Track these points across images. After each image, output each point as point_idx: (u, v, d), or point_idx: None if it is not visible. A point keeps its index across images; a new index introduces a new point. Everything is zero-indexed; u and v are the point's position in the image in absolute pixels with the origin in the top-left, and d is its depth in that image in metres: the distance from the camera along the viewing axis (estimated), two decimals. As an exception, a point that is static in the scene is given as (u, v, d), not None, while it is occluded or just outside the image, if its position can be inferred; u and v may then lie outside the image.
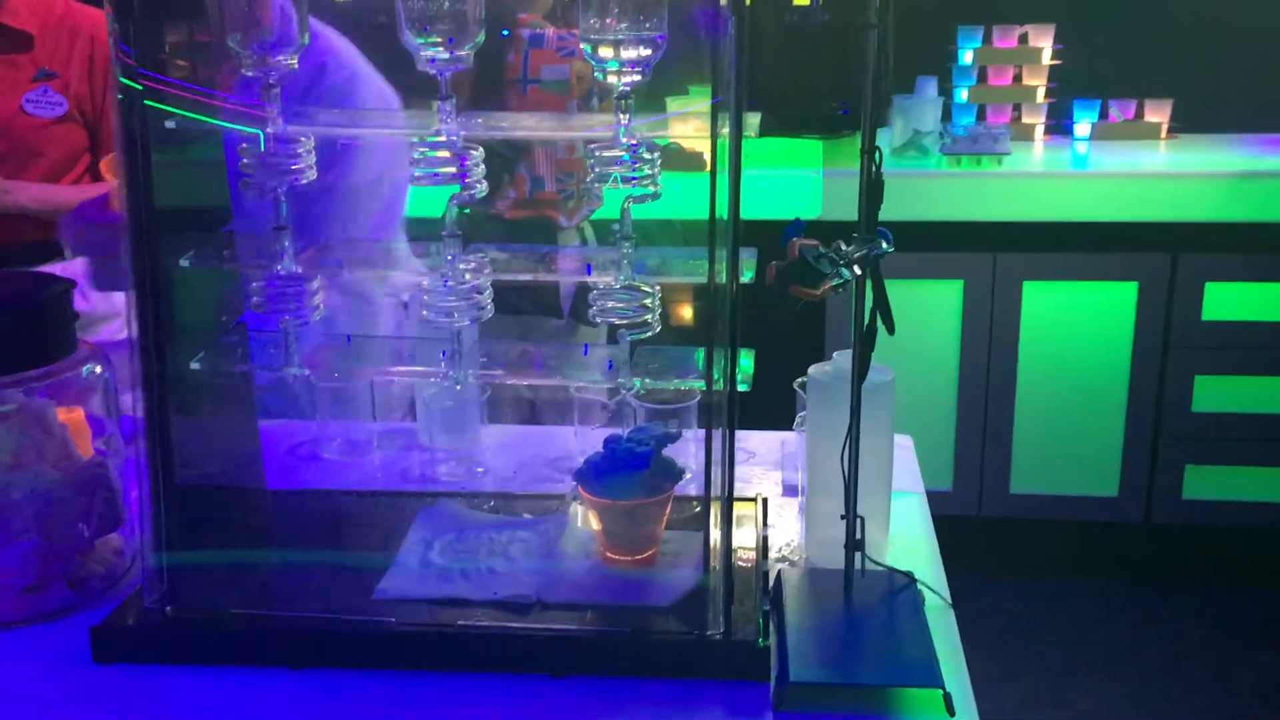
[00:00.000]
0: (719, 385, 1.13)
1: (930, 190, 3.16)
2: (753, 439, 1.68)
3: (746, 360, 1.18)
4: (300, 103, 1.74)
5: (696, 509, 1.42)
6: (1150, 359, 3.18)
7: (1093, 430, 3.24)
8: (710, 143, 1.09)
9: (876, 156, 1.13)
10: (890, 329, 1.14)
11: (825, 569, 1.29)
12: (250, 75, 1.19)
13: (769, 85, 3.42)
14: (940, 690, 1.06)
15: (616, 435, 1.27)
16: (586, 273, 1.25)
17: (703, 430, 1.56)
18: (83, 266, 2.05)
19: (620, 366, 1.24)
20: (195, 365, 1.26)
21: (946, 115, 3.45)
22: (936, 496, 1.58)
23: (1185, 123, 3.50)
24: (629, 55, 1.15)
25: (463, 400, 1.60)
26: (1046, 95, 3.51)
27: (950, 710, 1.06)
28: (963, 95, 3.51)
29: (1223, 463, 3.22)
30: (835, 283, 1.08)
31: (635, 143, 1.17)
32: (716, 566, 1.15)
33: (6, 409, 1.27)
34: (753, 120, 1.13)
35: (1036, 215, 3.13)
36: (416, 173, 1.20)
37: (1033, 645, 3.02)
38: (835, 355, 1.31)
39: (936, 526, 1.46)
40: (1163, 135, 3.50)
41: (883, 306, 1.13)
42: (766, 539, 1.36)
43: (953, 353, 3.23)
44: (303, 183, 1.25)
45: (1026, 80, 3.51)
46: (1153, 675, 2.90)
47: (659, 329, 1.22)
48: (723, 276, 1.11)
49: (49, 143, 2.32)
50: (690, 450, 1.49)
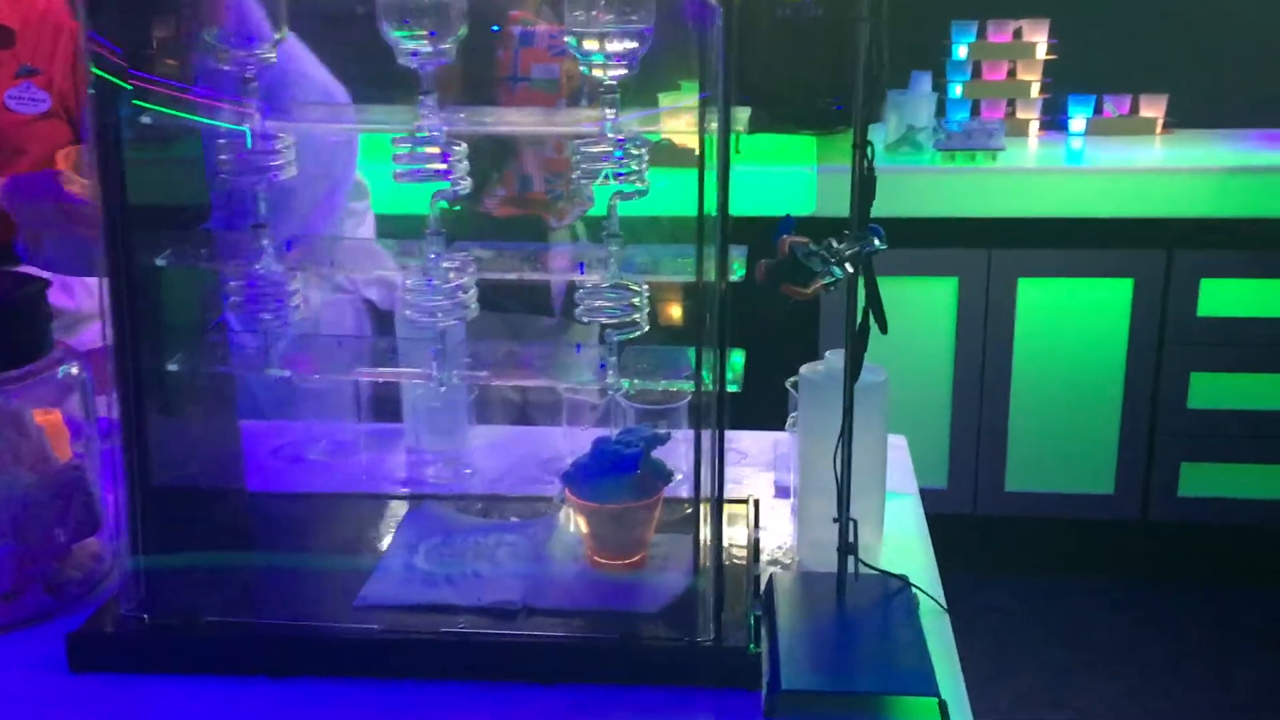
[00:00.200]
0: (709, 386, 1.11)
1: (924, 186, 3.14)
2: (744, 439, 1.65)
3: (737, 360, 1.16)
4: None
5: (687, 511, 1.39)
6: (1146, 356, 3.16)
7: (1088, 427, 3.22)
8: (698, 138, 1.06)
9: (869, 152, 1.10)
10: (883, 328, 1.12)
11: (818, 572, 1.26)
12: (226, 69, 1.16)
13: (763, 81, 3.39)
14: (936, 699, 1.03)
15: (605, 437, 1.24)
16: (576, 271, 1.23)
17: (693, 431, 1.54)
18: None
19: (609, 367, 1.21)
20: (173, 366, 1.23)
21: (941, 111, 3.43)
22: (931, 495, 1.55)
23: (1181, 118, 3.47)
24: (615, 48, 1.12)
25: (450, 401, 1.57)
26: (1041, 90, 3.48)
27: (945, 719, 1.03)
28: (957, 90, 3.48)
29: (1218, 460, 3.20)
30: (826, 281, 1.06)
31: (623, 138, 1.14)
32: (707, 571, 1.12)
33: (-20, 411, 1.24)
34: (742, 115, 1.11)
35: (1031, 211, 3.11)
36: (398, 169, 1.17)
37: (1028, 644, 3.00)
38: (828, 354, 1.28)
39: (931, 525, 1.43)
40: (1158, 130, 3.47)
41: (875, 305, 1.11)
42: (758, 541, 1.33)
43: (947, 350, 3.21)
44: (282, 179, 1.22)
45: (1021, 75, 3.49)
46: (1151, 673, 2.89)
47: (648, 328, 1.20)
48: (712, 275, 1.08)
49: (32, 139, 2.29)
50: (680, 451, 1.46)
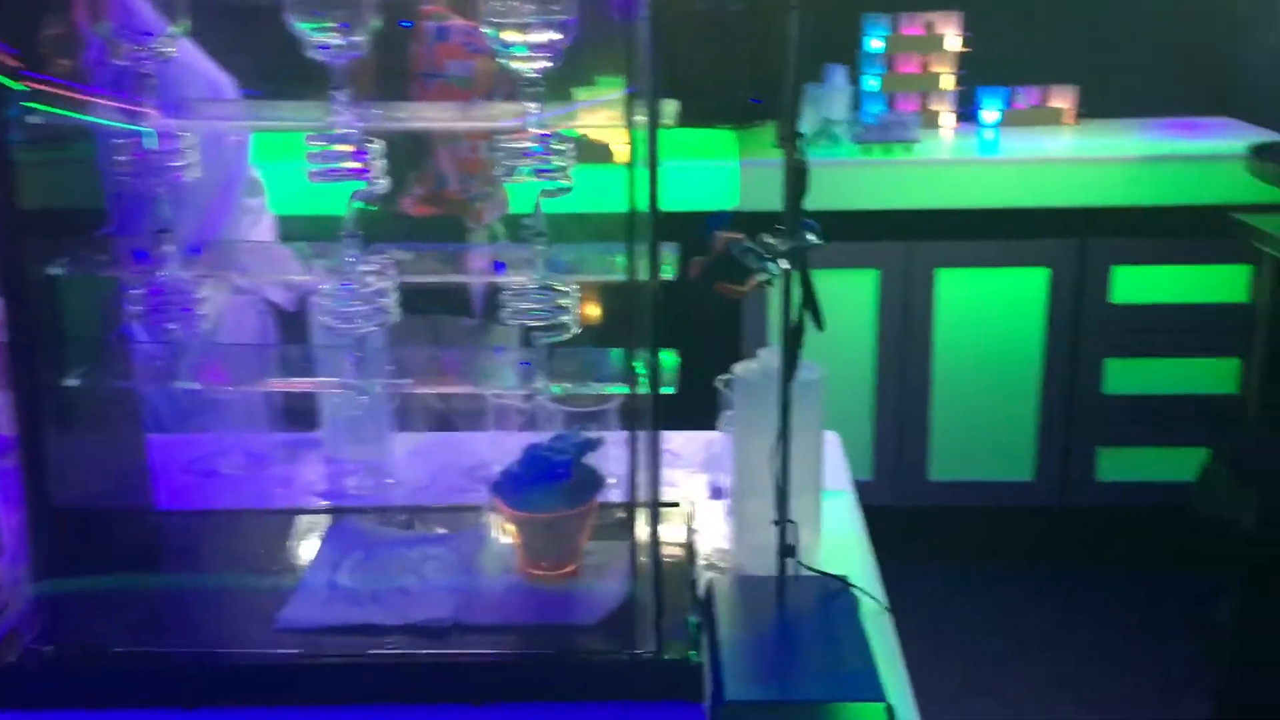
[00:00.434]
0: (642, 388, 1.07)
1: (842, 179, 3.14)
2: (676, 440, 1.62)
3: (669, 361, 1.12)
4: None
5: (619, 516, 1.36)
6: (1062, 343, 3.20)
7: (1008, 416, 3.25)
8: (627, 133, 1.03)
9: (800, 144, 1.08)
10: (819, 325, 1.09)
11: (757, 576, 1.23)
12: (121, 65, 1.09)
13: (681, 74, 3.37)
14: (883, 704, 1.01)
15: (535, 444, 1.20)
16: (497, 272, 1.18)
17: (623, 433, 1.50)
18: None
19: (537, 370, 1.17)
20: (73, 381, 1.16)
21: (855, 104, 3.43)
22: (856, 487, 1.53)
23: (1089, 108, 3.52)
24: (537, 40, 1.08)
25: (370, 409, 1.51)
26: (954, 83, 3.51)
27: (893, 723, 1.01)
28: (871, 84, 3.49)
29: (1134, 444, 3.25)
30: (763, 278, 1.02)
31: (546, 133, 1.10)
32: (646, 579, 1.08)
33: None
34: (670, 109, 1.07)
35: (948, 203, 3.12)
36: (312, 169, 1.11)
37: (956, 632, 3.01)
38: (761, 352, 1.25)
39: (856, 518, 1.42)
40: (1068, 121, 3.52)
41: (811, 301, 1.08)
42: (694, 546, 1.30)
43: (869, 342, 3.21)
44: (186, 180, 1.15)
45: (934, 68, 3.51)
46: (1079, 659, 2.92)
47: (577, 330, 1.16)
48: (644, 273, 1.04)
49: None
50: (611, 454, 1.42)
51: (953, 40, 3.47)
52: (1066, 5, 3.53)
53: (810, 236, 1.07)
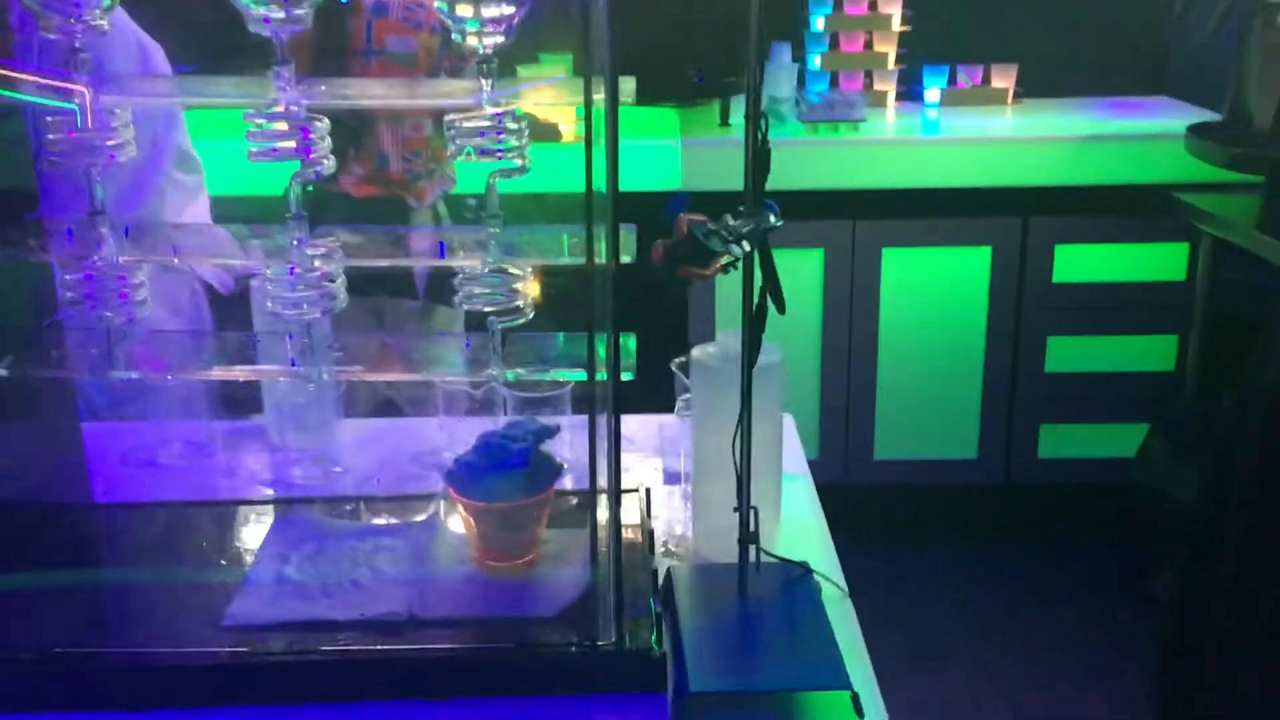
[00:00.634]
0: (601, 375, 1.04)
1: (787, 158, 3.06)
2: (629, 424, 1.59)
3: (629, 345, 1.10)
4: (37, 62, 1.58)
5: (574, 502, 1.33)
6: (1005, 322, 3.22)
7: (952, 394, 3.27)
8: (580, 112, 0.99)
9: (763, 124, 1.05)
10: (780, 308, 1.07)
11: (717, 564, 1.21)
12: (53, 39, 1.04)
13: (623, 51, 3.32)
14: (848, 692, 1.00)
15: (490, 431, 1.16)
16: (457, 256, 1.15)
17: (575, 418, 1.48)
18: None
19: (489, 354, 1.14)
20: (2, 371, 1.11)
21: (800, 82, 3.42)
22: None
23: (1030, 88, 3.54)
24: (490, 13, 1.04)
25: (316, 395, 1.47)
26: (897, 61, 3.51)
27: (859, 712, 1.00)
28: (816, 62, 3.48)
29: (1076, 421, 3.29)
30: (727, 261, 1.00)
31: (500, 112, 1.07)
32: (607, 569, 1.06)
33: None
34: (628, 86, 1.04)
35: (894, 182, 3.12)
36: (253, 148, 1.07)
37: (906, 609, 3.03)
38: (720, 335, 1.23)
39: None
40: (1009, 100, 3.54)
41: (773, 284, 1.06)
42: (652, 533, 1.27)
43: (815, 322, 3.21)
44: (121, 160, 1.10)
45: (878, 47, 3.51)
46: (1023, 634, 2.95)
47: (531, 315, 1.12)
48: (602, 256, 1.01)
49: None
50: (565, 440, 1.39)
51: (896, 19, 3.46)
52: (1008, -16, 3.54)
53: (771, 218, 1.05)
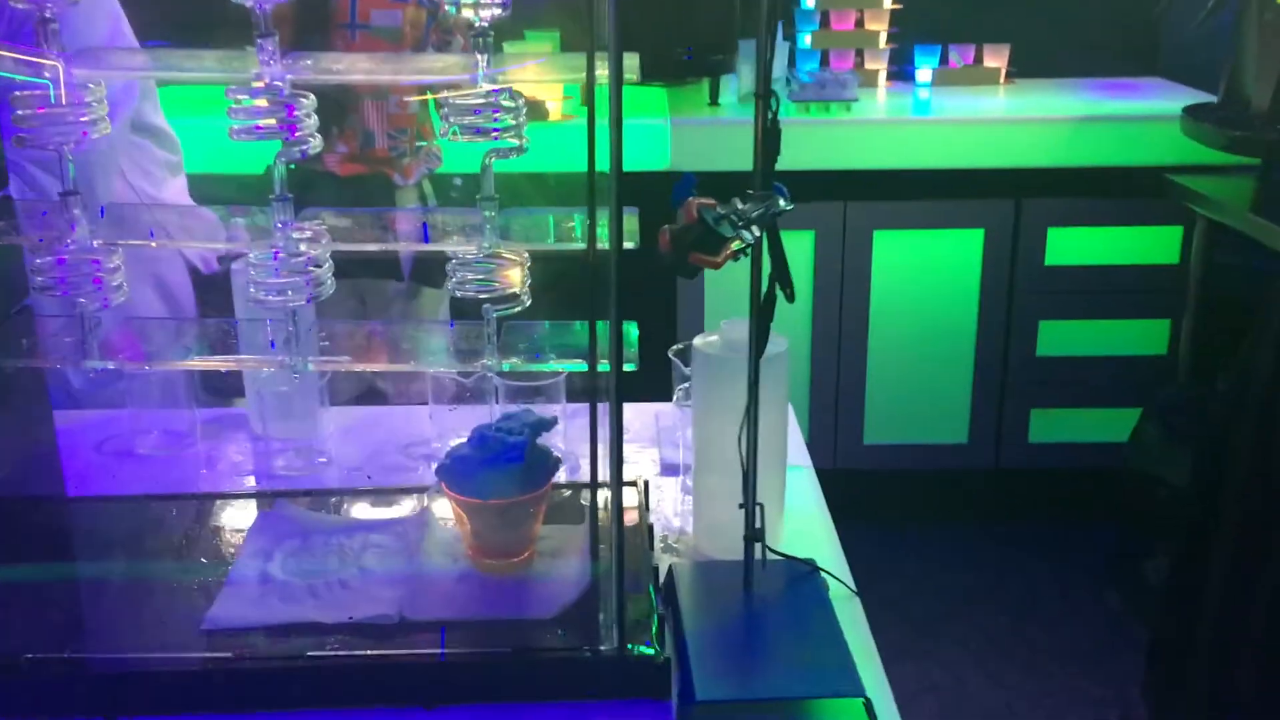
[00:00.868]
0: (603, 365, 0.99)
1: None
2: (624, 412, 1.54)
3: (630, 335, 1.05)
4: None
5: (567, 496, 1.28)
6: (996, 305, 3.18)
7: (943, 378, 3.24)
8: (588, 89, 0.94)
9: (773, 102, 1.00)
10: (790, 296, 1.02)
11: (720, 561, 1.17)
12: (20, 9, 0.98)
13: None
14: (861, 699, 0.95)
15: (484, 424, 1.11)
16: (433, 239, 1.09)
17: (567, 406, 1.43)
18: None
19: (483, 343, 1.09)
20: (-33, 361, 1.05)
21: (790, 61, 3.36)
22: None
23: (1023, 68, 3.50)
24: (487, -15, 0.98)
25: (299, 383, 1.42)
26: (888, 40, 3.45)
27: (872, 718, 0.95)
28: (806, 40, 3.42)
29: (1067, 405, 3.26)
30: (737, 247, 0.95)
31: (496, 89, 1.01)
32: (609, 569, 1.01)
33: None
34: (632, 63, 0.99)
35: (885, 163, 3.08)
36: (234, 125, 1.01)
37: (896, 595, 3.01)
38: (724, 324, 1.18)
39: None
40: (1002, 81, 3.49)
41: (783, 271, 1.01)
42: (652, 528, 1.23)
43: (805, 305, 3.17)
44: (94, 136, 1.04)
45: (869, 25, 3.45)
46: (1014, 619, 2.93)
47: (529, 302, 1.07)
48: (605, 241, 0.96)
49: None
50: (560, 431, 1.35)
51: (888, -4, 3.41)
52: (1001, -38, 3.49)
53: (781, 201, 1.00)
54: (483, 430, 1.10)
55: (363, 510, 1.24)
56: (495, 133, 1.02)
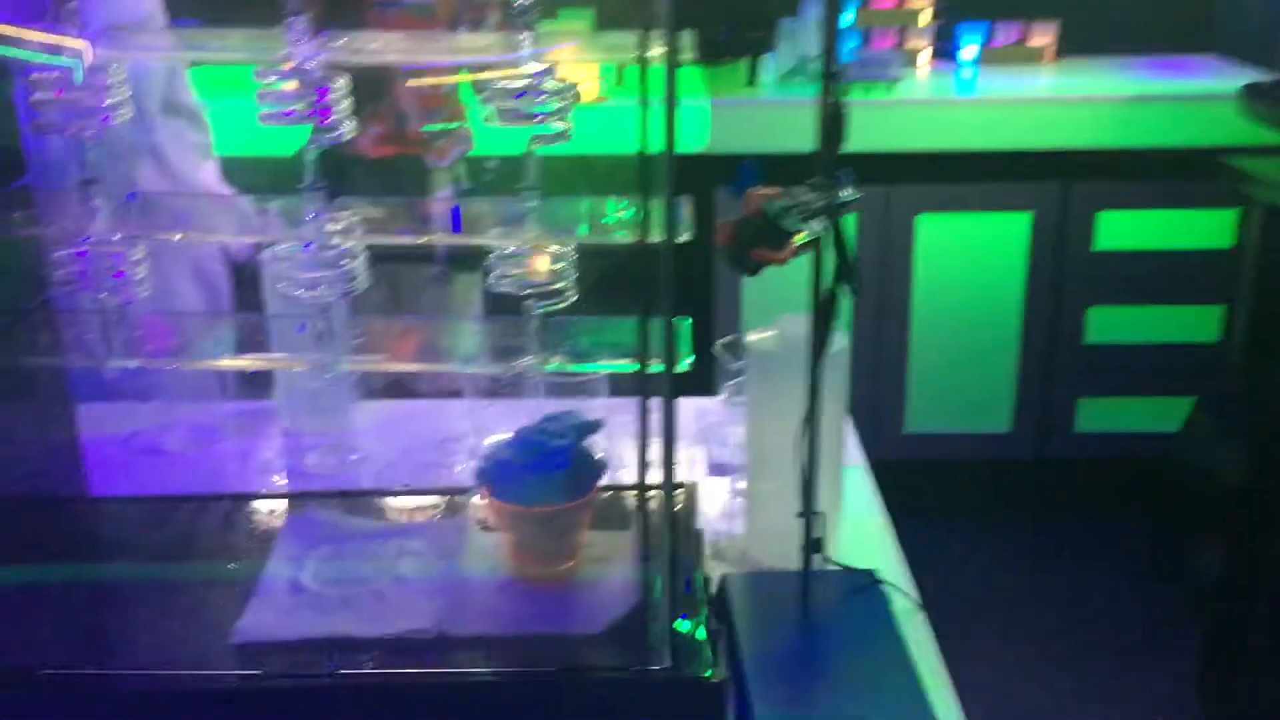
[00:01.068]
0: (657, 366, 0.93)
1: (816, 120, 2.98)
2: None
3: (685, 331, 0.98)
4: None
5: (609, 498, 1.22)
6: (1043, 291, 3.09)
7: (986, 366, 3.16)
8: (640, 68, 0.87)
9: (837, 82, 0.93)
10: (857, 291, 0.95)
11: (776, 571, 1.11)
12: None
13: (647, 4, 3.18)
14: (933, 725, 0.89)
15: (526, 427, 1.05)
16: (472, 231, 1.03)
17: (612, 400, 1.36)
18: None
19: (525, 340, 1.02)
20: (-14, 359, 1.00)
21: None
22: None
23: (1071, 45, 3.39)
24: (532, -43, 0.92)
25: (331, 378, 1.36)
26: (931, 18, 3.36)
27: (944, 747, 0.89)
28: (847, 18, 3.33)
29: (1115, 394, 3.17)
30: (802, 241, 0.88)
31: (540, 70, 0.95)
32: (662, 581, 0.95)
33: None
34: (686, 41, 0.92)
35: (929, 144, 2.99)
36: (264, 109, 0.95)
37: (934, 589, 2.92)
38: (783, 320, 1.11)
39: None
40: (1049, 59, 3.39)
41: (849, 265, 0.94)
42: (702, 534, 1.16)
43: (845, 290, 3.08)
44: (116, 122, 0.98)
45: (911, 3, 3.35)
46: (1058, 615, 2.86)
47: (574, 298, 1.01)
48: (658, 233, 0.89)
49: None
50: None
51: (932, -28, 3.32)
52: (1050, -64, 3.38)
53: (848, 190, 0.93)
54: (525, 433, 1.04)
55: (397, 513, 1.18)
56: (540, 117, 0.95)
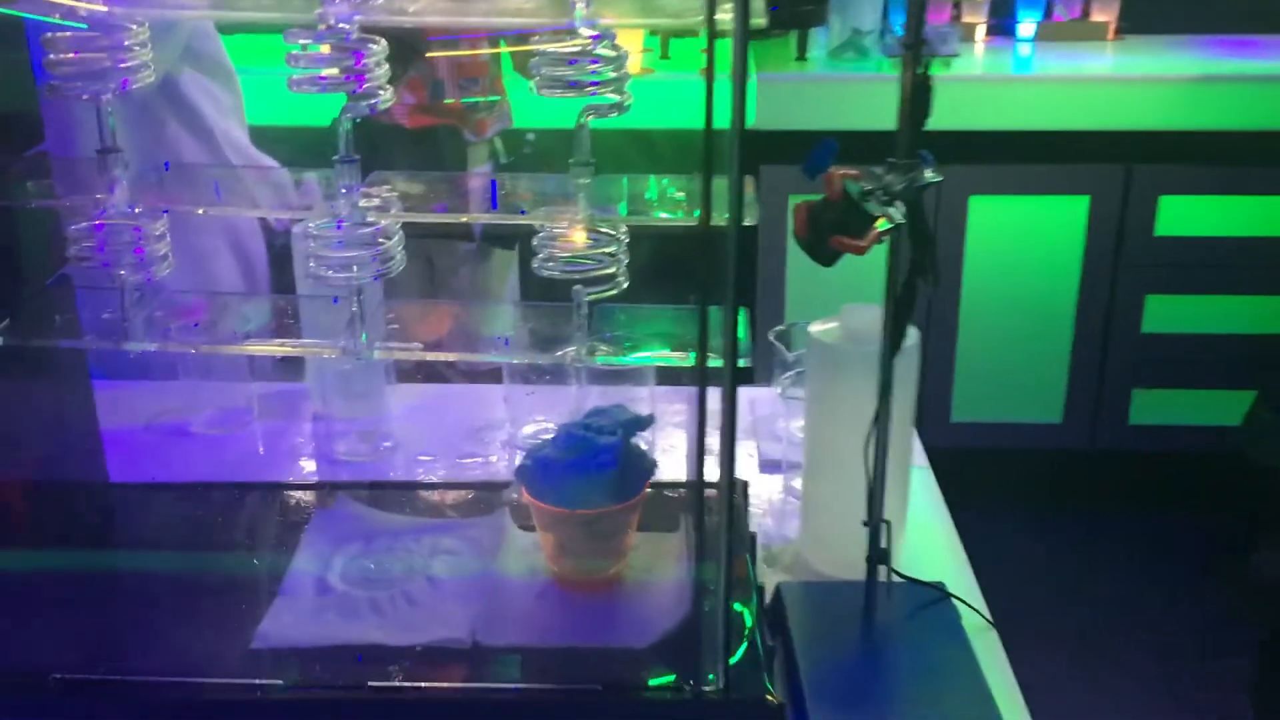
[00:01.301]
0: (715, 360, 0.85)
1: (871, 95, 2.88)
2: (713, 398, 1.40)
3: (742, 323, 0.90)
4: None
5: (658, 496, 1.15)
6: (1100, 277, 2.98)
7: (1038, 354, 3.06)
8: (709, 37, 0.79)
9: (922, 55, 0.84)
10: (937, 280, 0.87)
11: (835, 582, 1.03)
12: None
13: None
14: (1013, 762, 0.81)
15: (570, 423, 0.97)
16: (520, 210, 0.95)
17: (658, 389, 1.29)
18: None
19: (571, 329, 0.95)
20: (-2, 338, 0.93)
21: (884, 12, 3.16)
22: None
23: (1134, 22, 3.27)
24: (587, -90, 0.84)
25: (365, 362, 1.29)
26: (989, -9, 3.24)
27: (1023, 783, 0.81)
28: (902, -9, 3.22)
29: (1172, 386, 3.06)
30: (883, 227, 0.80)
31: (596, 35, 0.87)
32: (716, 594, 0.87)
33: None
34: (759, 5, 0.84)
35: (983, 123, 2.88)
36: (295, 74, 0.88)
37: (980, 582, 2.85)
38: (845, 310, 1.03)
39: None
40: (1111, 36, 3.27)
41: (928, 253, 0.86)
42: (755, 538, 1.09)
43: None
44: (137, 85, 0.92)
45: (967, -25, 3.24)
46: (1108, 611, 2.77)
47: (626, 284, 0.93)
48: (722, 216, 0.82)
49: None
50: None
51: (990, -56, 3.20)
52: (1115, -93, 3.25)
53: (929, 172, 0.84)
54: (569, 428, 0.96)
55: (431, 508, 1.11)
56: (592, 87, 0.87)
